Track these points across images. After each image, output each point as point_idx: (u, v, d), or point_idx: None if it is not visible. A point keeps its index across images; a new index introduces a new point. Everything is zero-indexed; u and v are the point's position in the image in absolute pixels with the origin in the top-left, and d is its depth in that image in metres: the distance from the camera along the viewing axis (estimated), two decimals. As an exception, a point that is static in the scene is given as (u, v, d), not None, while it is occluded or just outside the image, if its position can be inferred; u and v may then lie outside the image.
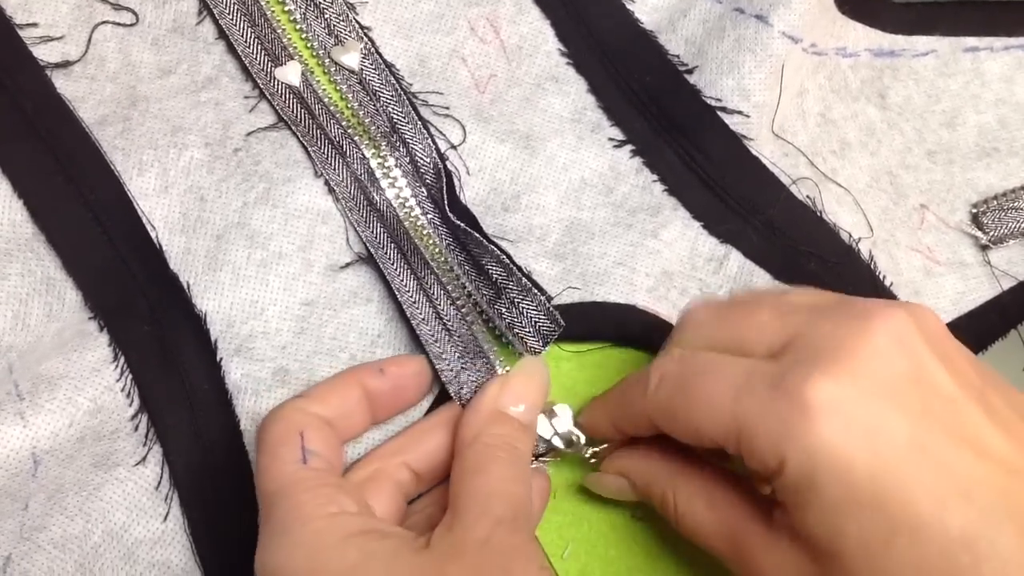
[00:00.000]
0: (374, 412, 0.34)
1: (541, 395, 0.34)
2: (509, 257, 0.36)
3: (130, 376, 0.34)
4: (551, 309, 0.35)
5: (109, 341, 0.34)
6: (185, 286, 0.35)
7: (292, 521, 0.29)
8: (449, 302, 0.36)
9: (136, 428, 0.34)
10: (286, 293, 0.35)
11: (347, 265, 0.36)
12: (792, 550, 0.29)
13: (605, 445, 0.35)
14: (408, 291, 0.36)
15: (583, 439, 0.35)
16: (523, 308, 0.35)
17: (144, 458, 0.33)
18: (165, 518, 0.33)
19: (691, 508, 0.32)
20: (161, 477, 0.33)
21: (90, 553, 0.32)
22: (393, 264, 0.36)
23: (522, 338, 0.35)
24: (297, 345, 0.35)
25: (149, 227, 0.36)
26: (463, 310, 0.36)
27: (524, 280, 0.35)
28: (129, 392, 0.34)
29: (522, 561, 0.29)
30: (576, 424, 0.35)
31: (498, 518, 0.29)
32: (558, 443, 0.35)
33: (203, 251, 0.36)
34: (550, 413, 0.35)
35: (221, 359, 0.34)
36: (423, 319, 0.35)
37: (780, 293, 0.33)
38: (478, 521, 0.29)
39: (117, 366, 0.34)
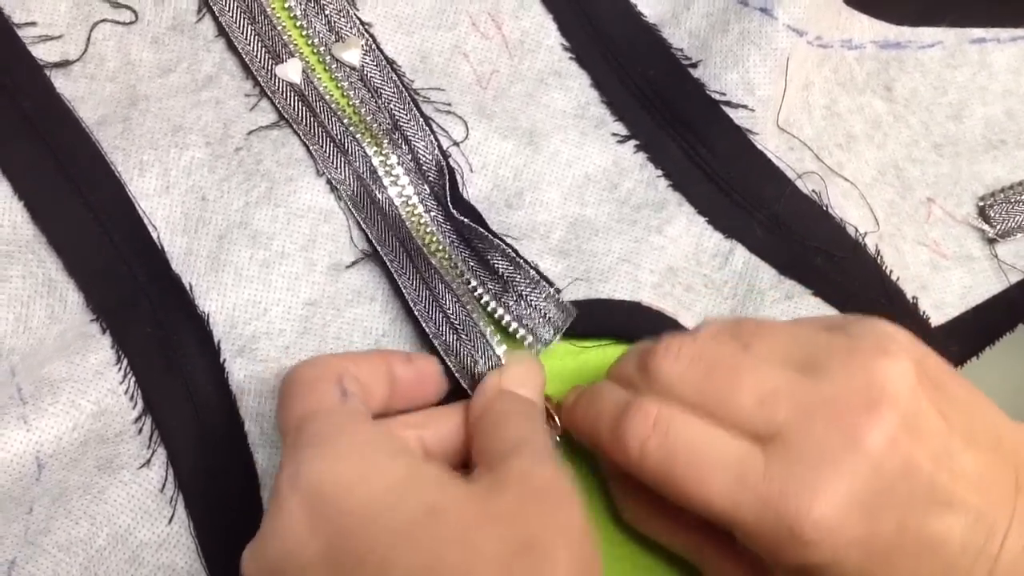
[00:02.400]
0: (392, 397, 0.33)
1: (539, 380, 0.34)
2: (515, 250, 0.36)
3: (133, 378, 0.34)
4: (560, 299, 0.35)
5: (112, 343, 0.34)
6: (187, 287, 0.35)
7: (336, 433, 0.28)
8: (454, 299, 0.35)
9: (140, 431, 0.33)
10: (289, 293, 0.35)
11: (350, 264, 0.36)
12: None
13: None
14: (413, 289, 0.35)
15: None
16: (531, 300, 0.35)
17: (148, 461, 0.33)
18: (170, 520, 0.33)
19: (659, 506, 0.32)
20: (166, 479, 0.33)
21: (95, 556, 0.32)
22: (397, 262, 0.36)
23: (532, 330, 0.35)
24: (301, 345, 0.35)
25: (151, 228, 0.35)
26: (468, 307, 0.35)
27: (532, 272, 0.35)
28: (132, 394, 0.34)
29: (567, 499, 0.28)
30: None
31: (532, 456, 0.29)
32: None
33: (205, 251, 0.35)
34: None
35: (224, 360, 0.34)
36: (429, 317, 0.35)
37: (756, 355, 0.30)
38: (513, 459, 0.28)
39: (120, 368, 0.34)
